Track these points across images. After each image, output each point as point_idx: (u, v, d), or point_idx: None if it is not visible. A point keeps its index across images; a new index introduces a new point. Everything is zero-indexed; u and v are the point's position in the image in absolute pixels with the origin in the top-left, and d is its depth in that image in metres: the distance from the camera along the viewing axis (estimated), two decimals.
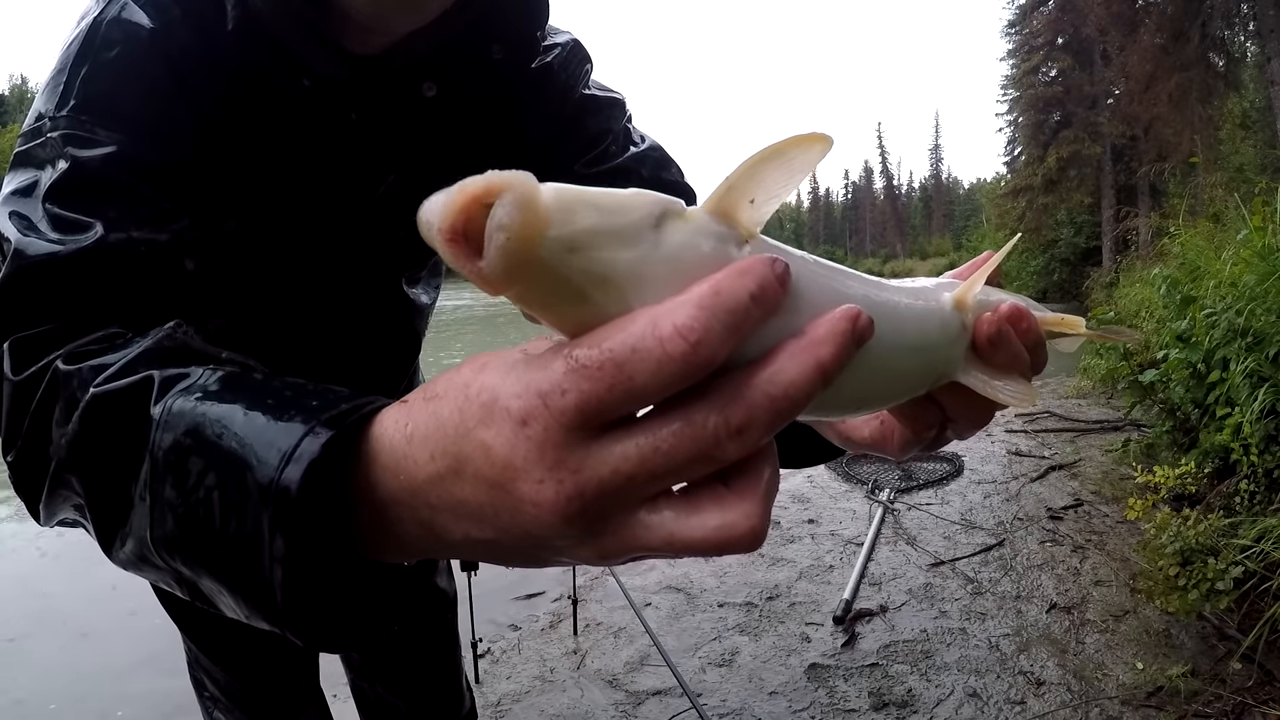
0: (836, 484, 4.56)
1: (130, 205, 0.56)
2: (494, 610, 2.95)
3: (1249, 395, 2.88)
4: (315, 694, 1.15)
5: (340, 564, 0.34)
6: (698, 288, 0.25)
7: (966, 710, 2.22)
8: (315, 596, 0.33)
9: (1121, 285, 9.05)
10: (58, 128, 0.57)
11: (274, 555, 0.32)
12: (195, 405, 0.38)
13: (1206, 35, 14.44)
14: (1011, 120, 25.56)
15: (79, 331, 0.49)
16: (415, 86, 0.73)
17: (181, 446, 0.37)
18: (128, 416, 0.40)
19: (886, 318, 0.32)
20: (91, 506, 0.43)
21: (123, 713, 2.41)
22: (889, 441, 0.46)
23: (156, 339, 0.47)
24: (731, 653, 2.61)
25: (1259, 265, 3.28)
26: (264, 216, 0.74)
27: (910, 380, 0.38)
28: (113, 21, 0.61)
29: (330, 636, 0.35)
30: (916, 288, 0.40)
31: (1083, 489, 4.23)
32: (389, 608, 0.37)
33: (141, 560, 0.40)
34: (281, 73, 0.67)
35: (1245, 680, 2.18)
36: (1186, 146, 13.40)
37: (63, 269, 0.51)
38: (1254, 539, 2.45)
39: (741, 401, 0.25)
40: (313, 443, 0.32)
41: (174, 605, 1.04)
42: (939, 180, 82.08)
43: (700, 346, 0.24)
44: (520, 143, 0.83)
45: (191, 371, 0.41)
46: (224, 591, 0.36)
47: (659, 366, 0.24)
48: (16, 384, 0.48)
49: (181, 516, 0.37)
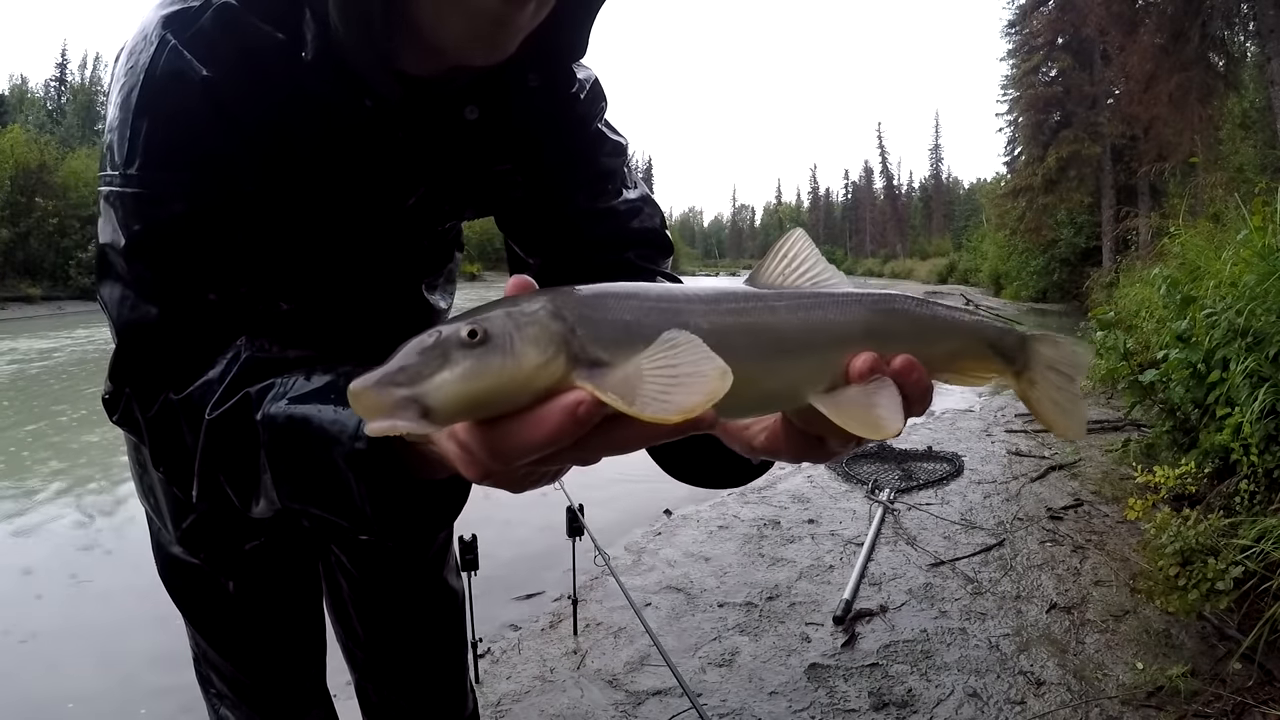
0: (836, 484, 4.56)
1: (201, 259, 0.66)
2: (494, 610, 2.95)
3: (1249, 395, 2.88)
4: (321, 692, 1.15)
5: (402, 487, 0.51)
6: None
7: (966, 710, 2.22)
8: (392, 513, 0.52)
9: (1121, 285, 9.05)
10: (130, 185, 0.65)
11: (361, 495, 0.51)
12: (285, 408, 0.55)
13: (1206, 35, 14.42)
14: (1011, 120, 25.55)
15: (177, 371, 0.63)
16: (459, 108, 0.78)
17: (281, 439, 0.55)
18: (240, 427, 0.57)
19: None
20: (232, 486, 0.61)
21: (145, 710, 2.42)
22: (779, 449, 0.54)
23: (242, 363, 0.61)
24: (731, 653, 2.60)
25: (1259, 265, 3.28)
26: (305, 225, 0.78)
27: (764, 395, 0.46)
28: (166, 71, 0.65)
29: (409, 533, 0.54)
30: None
31: (1083, 489, 4.23)
32: (442, 507, 0.55)
33: (272, 511, 0.59)
34: (345, 96, 0.72)
35: (1245, 680, 2.18)
36: (1186, 146, 13.40)
37: (155, 333, 0.65)
38: (1254, 539, 2.45)
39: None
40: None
41: (184, 601, 1.04)
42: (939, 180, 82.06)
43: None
44: (537, 167, 0.88)
45: (275, 383, 0.57)
46: (333, 519, 0.55)
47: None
48: (149, 420, 0.64)
49: (296, 480, 0.55)
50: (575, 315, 0.39)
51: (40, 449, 6.17)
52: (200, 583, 1.02)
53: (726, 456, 0.63)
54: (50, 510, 4.55)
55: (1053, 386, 0.56)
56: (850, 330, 0.49)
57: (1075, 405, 0.57)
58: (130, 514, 4.25)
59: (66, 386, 9.34)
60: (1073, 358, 0.57)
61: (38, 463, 5.73)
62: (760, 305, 0.47)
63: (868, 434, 0.45)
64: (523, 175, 0.88)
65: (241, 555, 1.01)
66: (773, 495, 4.39)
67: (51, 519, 4.40)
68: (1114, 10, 15.48)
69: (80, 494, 4.86)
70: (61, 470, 5.45)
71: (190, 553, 1.00)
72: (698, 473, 0.73)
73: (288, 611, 1.08)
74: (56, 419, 7.30)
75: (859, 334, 0.49)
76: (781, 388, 0.47)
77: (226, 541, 1.00)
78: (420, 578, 1.25)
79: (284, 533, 1.04)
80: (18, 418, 7.54)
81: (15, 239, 29.24)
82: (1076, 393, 0.57)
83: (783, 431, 0.53)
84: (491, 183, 0.88)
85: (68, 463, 5.66)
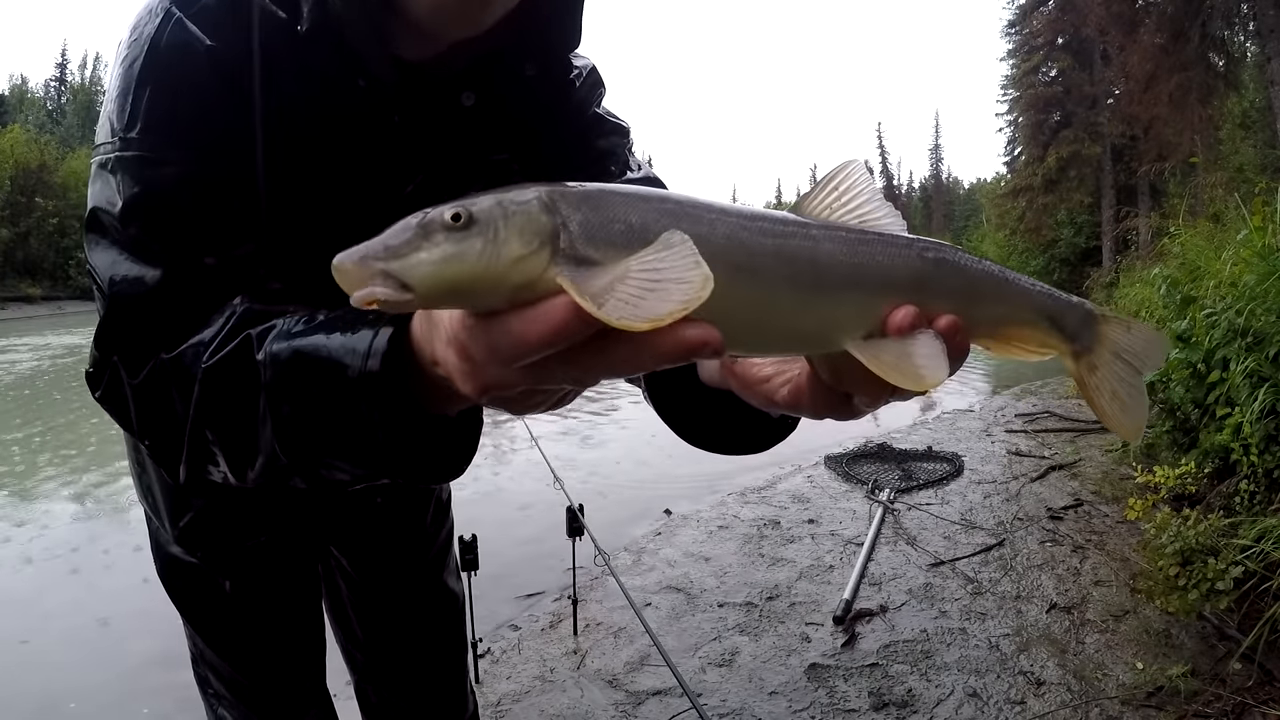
0: (836, 484, 4.56)
1: (198, 224, 0.65)
2: (494, 610, 2.96)
3: (1249, 395, 2.88)
4: (320, 693, 1.15)
5: (414, 416, 0.49)
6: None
7: (966, 710, 2.22)
8: (405, 444, 0.50)
9: (1121, 285, 9.06)
10: (130, 148, 0.65)
11: (375, 422, 0.48)
12: (289, 343, 0.53)
13: (1206, 35, 14.42)
14: (1011, 120, 25.53)
15: (169, 333, 0.61)
16: (455, 95, 0.79)
17: (287, 373, 0.52)
18: (239, 369, 0.55)
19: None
20: (224, 445, 0.57)
21: (148, 710, 2.42)
22: (802, 404, 0.51)
23: (241, 313, 0.59)
24: (731, 653, 2.60)
25: (1259, 265, 3.28)
26: (302, 204, 0.77)
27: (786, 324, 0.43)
28: (171, 42, 0.66)
29: (420, 470, 0.51)
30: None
31: (1083, 489, 4.23)
32: (456, 445, 0.53)
33: (270, 471, 0.56)
34: (341, 72, 0.72)
35: (1245, 680, 2.18)
36: (1186, 146, 13.40)
37: (148, 297, 0.63)
38: (1254, 539, 2.45)
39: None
40: (381, 339, 0.48)
41: (182, 601, 1.04)
42: (939, 180, 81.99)
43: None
44: (535, 154, 0.87)
45: (276, 322, 0.55)
46: (343, 461, 0.52)
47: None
48: (135, 386, 0.61)
49: (301, 422, 0.52)
50: (569, 210, 0.38)
51: (57, 446, 6.17)
52: (198, 582, 1.02)
53: (746, 417, 0.61)
54: (54, 507, 4.56)
55: (1116, 376, 0.51)
56: (895, 276, 0.44)
57: (1138, 400, 0.51)
58: (137, 513, 4.26)
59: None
60: (1147, 348, 0.51)
61: (66, 458, 5.74)
62: (799, 231, 0.43)
63: (908, 385, 0.42)
64: (520, 164, 0.87)
65: (239, 554, 1.01)
66: (773, 495, 4.39)
67: (53, 517, 4.41)
68: (1114, 10, 15.48)
69: (81, 493, 4.87)
70: (75, 466, 5.45)
71: (188, 552, 1.00)
72: (716, 436, 0.69)
73: (285, 612, 1.08)
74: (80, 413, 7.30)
75: (905, 282, 0.45)
76: (814, 328, 0.43)
77: (224, 540, 1.00)
78: (420, 580, 1.25)
79: (280, 518, 1.03)
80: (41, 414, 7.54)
81: (15, 239, 29.23)
82: (1141, 387, 0.51)
83: (808, 385, 0.50)
84: (489, 171, 0.88)
85: (83, 458, 5.67)
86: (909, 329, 0.43)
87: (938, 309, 0.45)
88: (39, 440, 6.51)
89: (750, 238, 0.40)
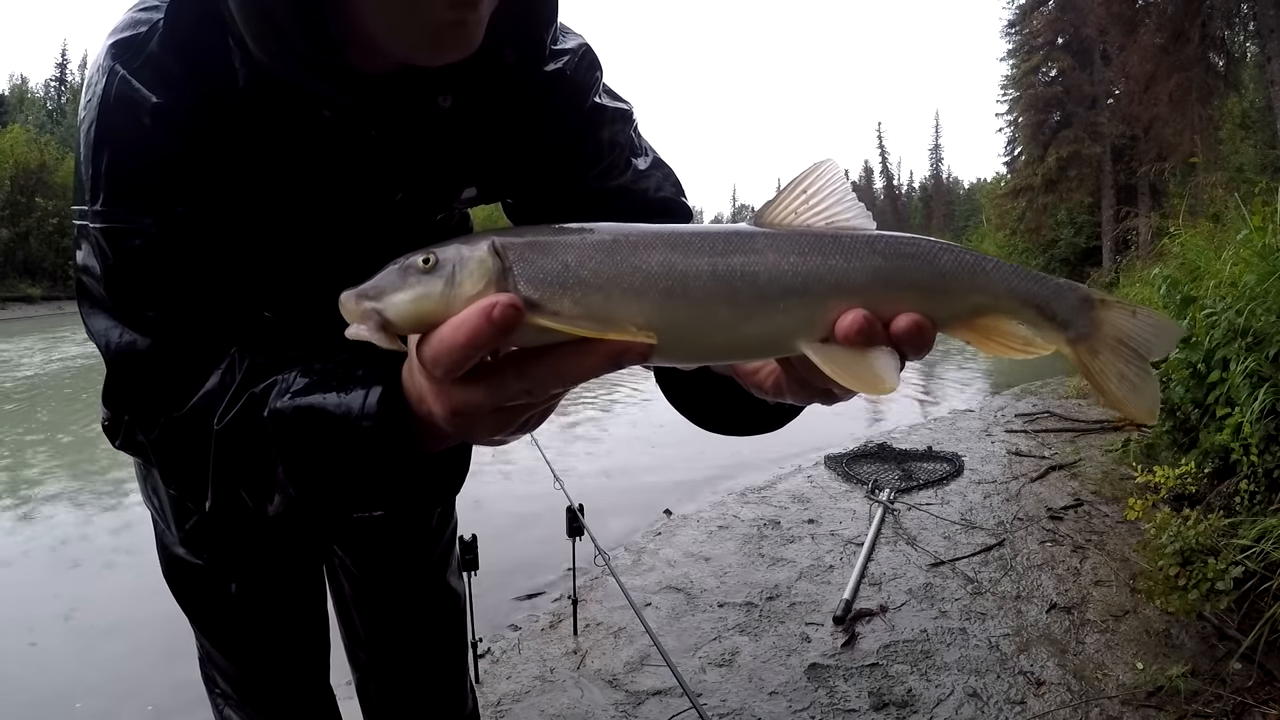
0: (836, 484, 4.56)
1: (180, 281, 0.66)
2: (494, 610, 2.96)
3: (1249, 395, 2.88)
4: (325, 693, 1.15)
5: (406, 460, 0.54)
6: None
7: (966, 710, 2.22)
8: (400, 484, 0.55)
9: (1121, 285, 9.04)
10: (99, 219, 0.65)
11: (371, 470, 0.54)
12: (290, 401, 0.57)
13: (1206, 35, 14.42)
14: (1011, 120, 25.55)
15: (173, 394, 0.64)
16: (430, 99, 0.74)
17: (292, 431, 0.57)
18: (249, 428, 0.59)
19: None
20: (247, 489, 0.62)
21: (152, 707, 2.42)
22: (785, 394, 0.57)
23: (245, 370, 0.62)
24: (731, 653, 2.61)
25: (1259, 265, 3.28)
26: (287, 235, 0.77)
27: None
28: (118, 104, 0.65)
29: (418, 502, 0.57)
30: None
31: (1083, 489, 4.23)
32: (445, 478, 0.59)
33: (287, 506, 0.61)
34: (301, 110, 0.70)
35: (1245, 680, 2.18)
36: (1186, 146, 13.41)
37: (145, 362, 0.66)
38: (1254, 539, 2.45)
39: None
40: (372, 399, 0.53)
41: (188, 602, 1.04)
42: (939, 180, 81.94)
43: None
44: (533, 150, 0.84)
45: (276, 380, 0.59)
46: (348, 498, 0.58)
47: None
48: (153, 441, 0.66)
49: (309, 468, 0.57)
50: (514, 256, 0.44)
51: (57, 446, 6.17)
52: (203, 584, 1.02)
53: (751, 402, 0.63)
54: (54, 507, 4.56)
55: (1121, 360, 0.49)
56: (849, 278, 0.45)
57: (1146, 382, 0.49)
58: (142, 512, 4.26)
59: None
60: (1153, 334, 0.49)
61: (69, 460, 5.74)
62: (743, 245, 0.45)
63: (863, 389, 0.43)
64: (517, 165, 0.84)
65: (244, 556, 1.01)
66: (773, 495, 4.39)
67: (55, 516, 4.41)
68: (1114, 10, 15.49)
69: (83, 492, 4.87)
70: (76, 467, 5.45)
71: (193, 554, 1.00)
72: (725, 420, 0.74)
73: (290, 613, 1.08)
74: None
75: (863, 282, 0.45)
76: (762, 337, 0.45)
77: (229, 542, 1.00)
78: (423, 580, 1.25)
79: (294, 530, 1.04)
80: (54, 418, 7.54)
81: (15, 239, 29.22)
82: (1148, 369, 0.49)
83: (784, 378, 0.54)
84: (484, 173, 0.85)
85: (89, 460, 5.67)
86: (857, 334, 0.44)
87: (901, 306, 0.45)
88: (40, 440, 6.51)
89: (683, 260, 0.44)
